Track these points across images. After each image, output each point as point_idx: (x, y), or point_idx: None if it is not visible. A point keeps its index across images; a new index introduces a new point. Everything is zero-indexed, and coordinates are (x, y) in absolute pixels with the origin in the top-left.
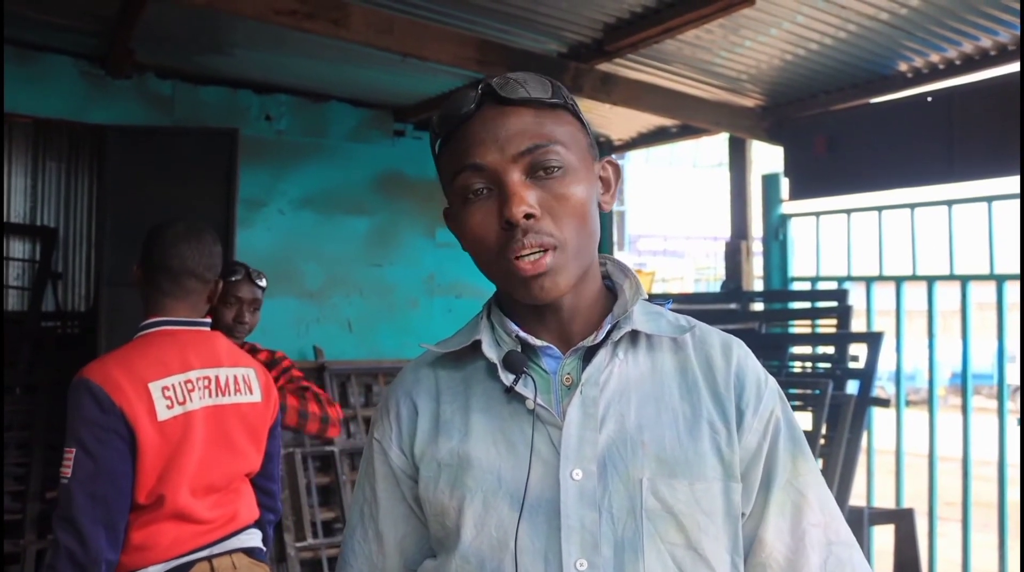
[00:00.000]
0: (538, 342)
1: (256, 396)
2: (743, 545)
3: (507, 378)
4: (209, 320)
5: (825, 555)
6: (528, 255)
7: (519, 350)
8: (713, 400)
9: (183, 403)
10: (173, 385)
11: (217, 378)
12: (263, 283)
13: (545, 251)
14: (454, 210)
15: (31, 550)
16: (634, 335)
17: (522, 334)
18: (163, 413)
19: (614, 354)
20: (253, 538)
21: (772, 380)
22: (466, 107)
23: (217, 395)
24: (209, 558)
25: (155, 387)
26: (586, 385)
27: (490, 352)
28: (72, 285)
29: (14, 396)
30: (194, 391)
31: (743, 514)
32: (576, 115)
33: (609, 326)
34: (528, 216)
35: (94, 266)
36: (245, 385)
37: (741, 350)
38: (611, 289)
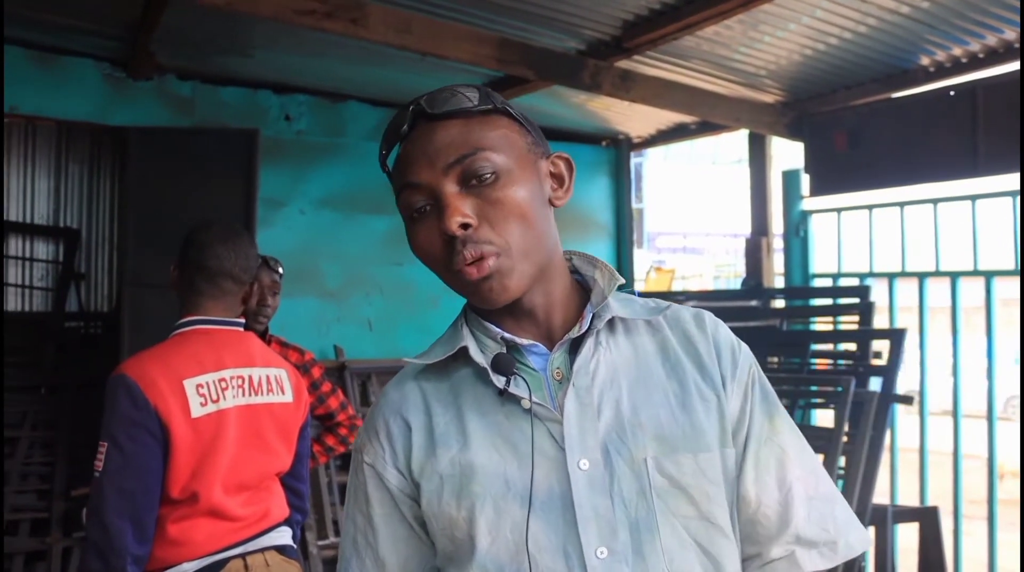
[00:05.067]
0: (523, 341)
1: (288, 396)
2: None
3: (499, 381)
4: (243, 321)
5: (808, 508)
6: (471, 263)
7: (505, 351)
8: (699, 372)
9: (216, 401)
10: (207, 383)
11: (250, 377)
12: (281, 269)
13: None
14: (405, 226)
15: (57, 548)
16: (611, 322)
17: (507, 335)
18: (197, 410)
19: (597, 342)
20: (284, 536)
21: (744, 345)
22: (400, 128)
23: (250, 394)
24: (243, 555)
25: (190, 384)
26: (577, 376)
27: (478, 357)
28: (95, 286)
29: (38, 396)
30: (228, 389)
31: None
32: (512, 117)
33: (591, 316)
34: (465, 226)
35: (116, 267)
36: (277, 385)
37: (713, 320)
38: (581, 283)
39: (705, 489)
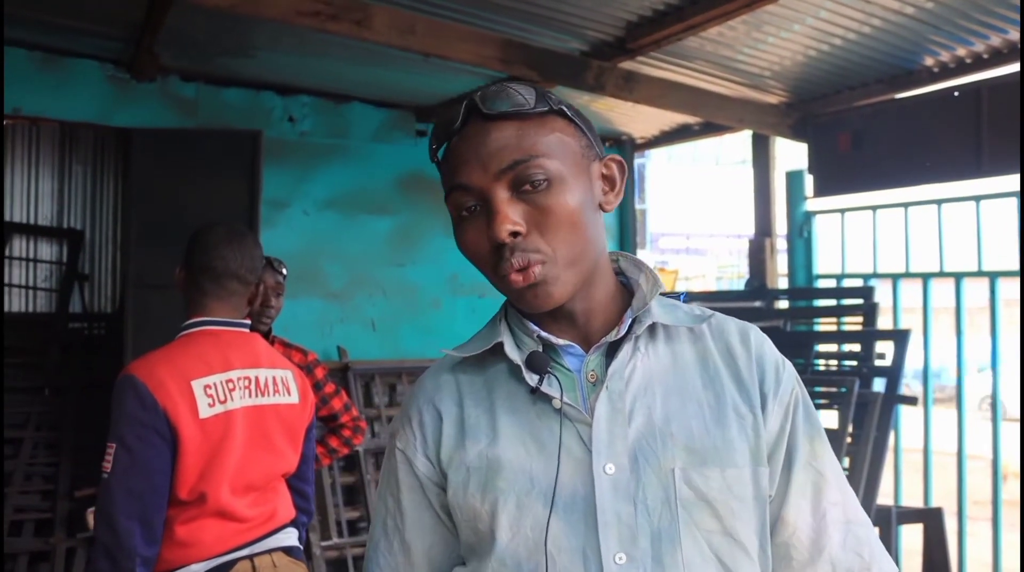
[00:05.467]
0: (560, 341)
1: (294, 397)
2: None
3: (532, 379)
4: (249, 321)
5: (844, 533)
6: (517, 271)
7: (541, 350)
8: (737, 387)
9: (224, 402)
10: (215, 384)
11: (257, 378)
12: (284, 271)
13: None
14: (453, 224)
15: (61, 548)
16: (652, 328)
17: (543, 334)
18: (205, 411)
19: (636, 348)
20: (291, 537)
21: (789, 363)
22: (453, 124)
23: (257, 395)
24: (250, 556)
25: (198, 385)
26: (612, 380)
27: (513, 354)
28: (98, 287)
29: (42, 397)
30: (235, 390)
31: (769, 497)
32: (567, 118)
33: (630, 321)
34: (514, 234)
35: (120, 267)
36: (284, 386)
37: (759, 336)
38: (626, 285)
39: (730, 505)
